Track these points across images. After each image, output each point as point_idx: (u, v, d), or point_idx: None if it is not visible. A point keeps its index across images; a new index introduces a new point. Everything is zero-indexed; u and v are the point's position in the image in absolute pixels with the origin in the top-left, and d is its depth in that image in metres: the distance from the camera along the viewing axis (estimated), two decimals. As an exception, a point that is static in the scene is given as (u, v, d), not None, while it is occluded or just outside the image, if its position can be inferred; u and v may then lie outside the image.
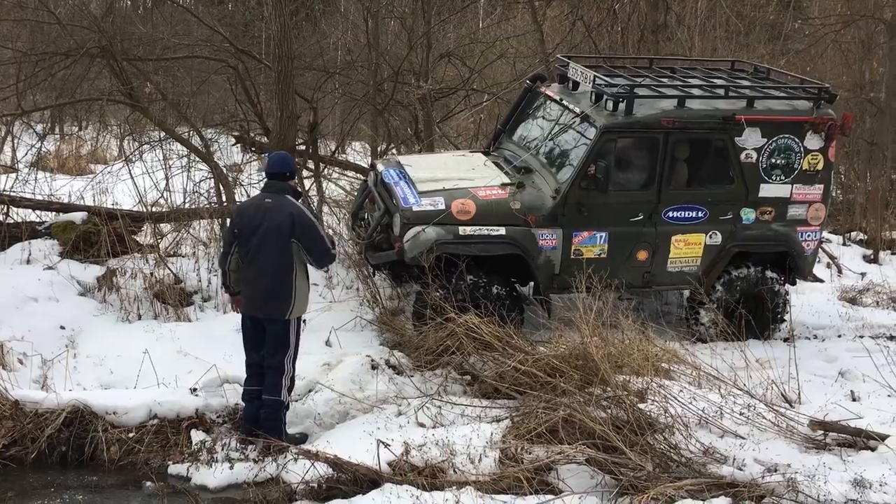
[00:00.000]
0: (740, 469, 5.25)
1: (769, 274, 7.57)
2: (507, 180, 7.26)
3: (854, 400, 6.54)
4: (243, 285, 5.75)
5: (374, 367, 6.52)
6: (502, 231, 6.96)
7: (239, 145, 10.83)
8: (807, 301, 8.50)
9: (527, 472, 5.24)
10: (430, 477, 5.27)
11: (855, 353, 7.34)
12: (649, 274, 7.38)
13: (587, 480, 5.29)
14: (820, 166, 7.50)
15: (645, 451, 5.28)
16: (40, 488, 5.43)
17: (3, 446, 5.63)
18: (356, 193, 8.67)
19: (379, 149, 11.62)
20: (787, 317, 7.73)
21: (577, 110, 7.34)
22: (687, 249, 7.40)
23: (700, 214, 7.36)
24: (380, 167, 7.80)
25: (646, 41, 10.87)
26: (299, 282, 5.66)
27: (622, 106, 7.05)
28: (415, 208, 6.96)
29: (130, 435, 5.77)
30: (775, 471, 5.26)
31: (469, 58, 12.37)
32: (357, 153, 12.77)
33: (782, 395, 6.27)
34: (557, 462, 5.35)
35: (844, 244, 10.86)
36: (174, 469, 5.61)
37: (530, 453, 5.44)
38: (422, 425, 5.83)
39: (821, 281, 9.28)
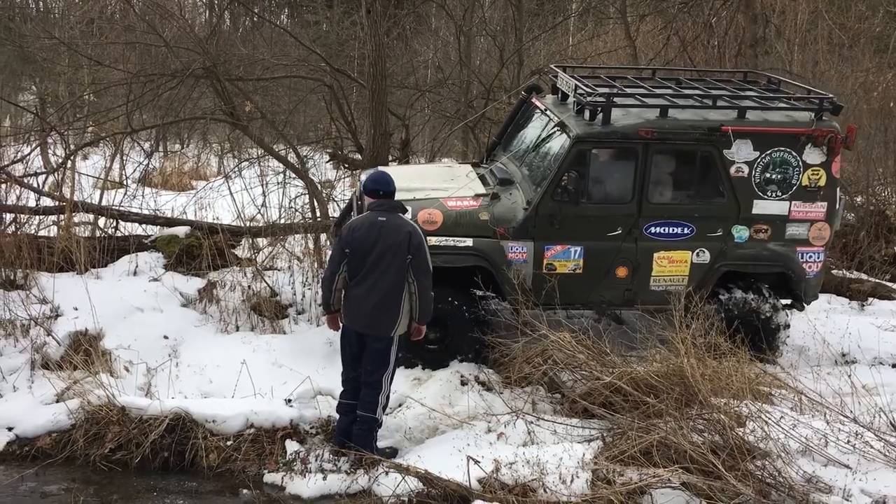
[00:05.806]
0: (847, 500, 5.01)
1: (764, 297, 7.07)
2: (482, 191, 7.07)
3: (971, 431, 6.16)
4: (348, 302, 5.71)
5: (463, 383, 6.55)
6: (469, 242, 6.73)
7: (332, 162, 11.07)
8: (918, 325, 8.08)
9: (620, 494, 5.12)
10: (521, 496, 5.21)
11: (972, 382, 6.92)
12: (630, 292, 7.00)
13: (682, 505, 5.15)
14: (822, 182, 6.95)
15: (745, 477, 5.10)
16: (143, 492, 5.65)
17: (109, 450, 5.90)
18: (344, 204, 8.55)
19: (469, 165, 11.69)
20: (786, 342, 7.22)
21: (556, 120, 7.09)
22: (671, 267, 6.97)
23: (686, 230, 6.93)
24: (362, 177, 7.76)
25: (743, 55, 10.56)
26: (406, 299, 5.66)
27: (600, 116, 6.76)
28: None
29: (228, 443, 5.95)
30: (884, 503, 5.00)
31: (560, 74, 12.32)
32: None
33: (891, 423, 5.95)
34: (651, 485, 5.21)
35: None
36: (269, 478, 5.76)
37: (623, 475, 5.32)
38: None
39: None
